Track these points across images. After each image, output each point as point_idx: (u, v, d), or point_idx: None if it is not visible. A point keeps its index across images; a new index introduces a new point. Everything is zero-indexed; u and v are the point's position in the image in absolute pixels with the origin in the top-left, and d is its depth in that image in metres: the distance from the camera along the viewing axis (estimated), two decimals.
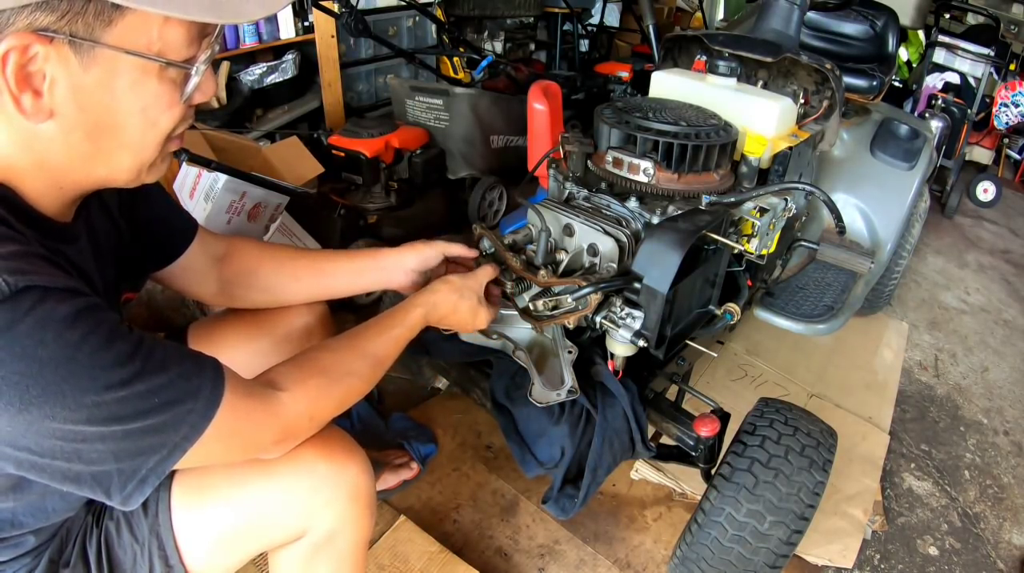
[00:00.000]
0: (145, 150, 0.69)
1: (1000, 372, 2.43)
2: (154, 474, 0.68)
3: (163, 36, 0.62)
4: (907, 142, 2.08)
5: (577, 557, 1.52)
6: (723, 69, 1.46)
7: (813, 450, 1.20)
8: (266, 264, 1.11)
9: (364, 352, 0.93)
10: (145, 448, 0.66)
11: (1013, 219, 3.91)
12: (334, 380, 0.87)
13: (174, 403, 0.67)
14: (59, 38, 0.57)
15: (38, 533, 0.83)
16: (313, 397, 0.84)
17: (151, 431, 0.66)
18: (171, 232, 1.02)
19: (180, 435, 0.68)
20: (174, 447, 0.68)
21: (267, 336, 1.16)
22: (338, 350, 0.91)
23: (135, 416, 0.64)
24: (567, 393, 1.22)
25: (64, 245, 0.72)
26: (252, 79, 2.71)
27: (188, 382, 0.69)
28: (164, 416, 0.66)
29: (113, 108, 0.63)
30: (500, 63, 2.89)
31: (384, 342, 0.96)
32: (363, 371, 0.91)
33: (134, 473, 0.67)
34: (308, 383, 0.83)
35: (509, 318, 1.41)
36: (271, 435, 0.79)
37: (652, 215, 1.27)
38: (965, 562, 1.66)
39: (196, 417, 0.69)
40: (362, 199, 2.40)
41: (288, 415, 0.80)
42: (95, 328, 0.62)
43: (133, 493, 0.67)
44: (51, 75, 0.59)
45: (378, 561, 1.42)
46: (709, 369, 2.11)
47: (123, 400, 0.63)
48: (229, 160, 1.91)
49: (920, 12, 2.91)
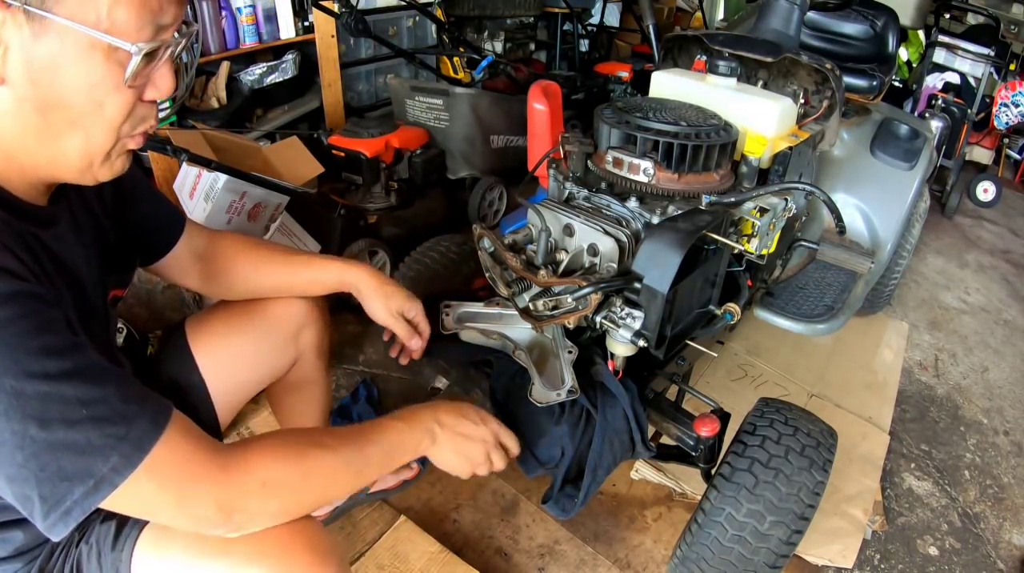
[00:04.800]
0: (94, 135, 0.68)
1: (1000, 372, 2.43)
2: (79, 507, 0.62)
3: (112, 15, 0.62)
4: (907, 142, 2.08)
5: (577, 557, 1.52)
6: (723, 69, 1.46)
7: (813, 450, 1.20)
8: (242, 261, 1.14)
9: (352, 446, 0.83)
10: (69, 472, 0.61)
11: (1013, 219, 3.91)
12: (305, 463, 0.77)
13: (104, 422, 0.62)
14: (15, 4, 0.59)
15: (27, 530, 0.82)
16: (271, 470, 0.74)
17: (76, 450, 0.61)
18: (159, 230, 1.04)
19: (109, 465, 0.62)
20: (102, 479, 0.62)
21: (260, 326, 1.17)
22: (322, 434, 0.84)
23: (58, 423, 0.60)
24: (567, 393, 1.22)
25: (38, 228, 0.72)
26: (252, 79, 2.70)
27: (125, 405, 0.64)
28: (91, 434, 0.61)
29: (59, 82, 0.63)
30: (500, 63, 2.89)
31: (382, 449, 0.87)
32: (341, 457, 0.81)
33: (59, 503, 0.62)
34: (273, 453, 0.75)
35: (509, 318, 1.41)
36: (213, 495, 0.69)
37: (652, 215, 1.27)
38: (965, 562, 1.66)
39: (129, 447, 0.63)
40: (362, 199, 2.40)
41: (236, 477, 0.71)
42: (28, 313, 0.60)
43: (57, 524, 0.63)
44: (6, 40, 0.60)
45: (378, 561, 1.42)
46: (709, 369, 2.11)
47: (46, 397, 0.59)
48: (229, 160, 1.91)
49: (920, 12, 2.91)
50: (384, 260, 2.30)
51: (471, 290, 1.66)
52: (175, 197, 1.98)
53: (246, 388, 1.21)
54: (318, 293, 1.22)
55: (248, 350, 1.17)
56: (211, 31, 2.47)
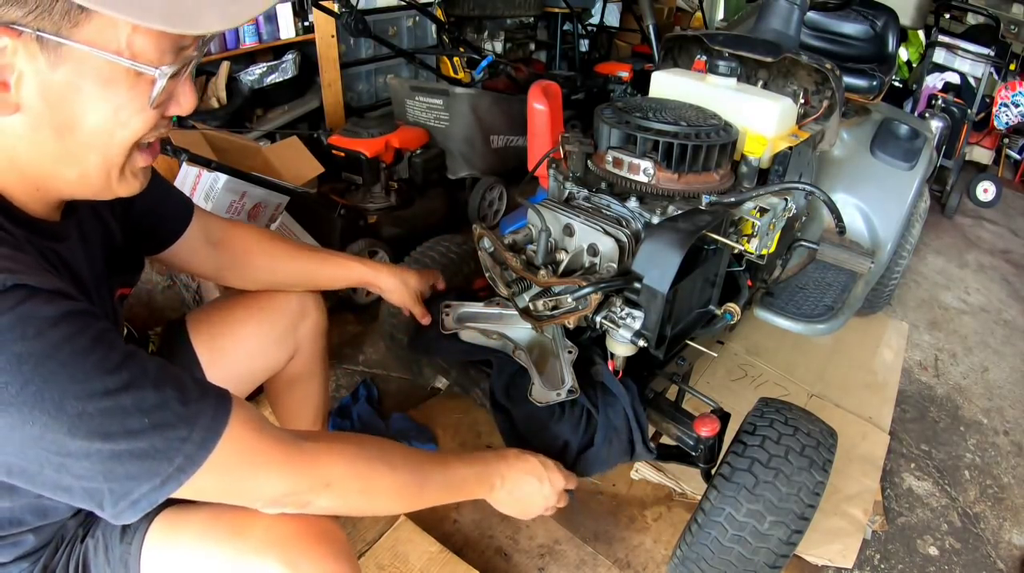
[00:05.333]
0: (112, 153, 0.68)
1: (1000, 372, 2.43)
2: (146, 500, 0.65)
3: (132, 44, 0.61)
4: (907, 142, 2.08)
5: (577, 557, 1.52)
6: (723, 69, 1.46)
7: (813, 450, 1.20)
8: (259, 252, 1.17)
9: (416, 474, 0.87)
10: (135, 473, 0.63)
11: (1013, 219, 3.91)
12: (371, 477, 0.81)
13: (166, 427, 0.63)
14: (27, 33, 0.57)
15: (38, 533, 0.83)
16: (338, 474, 0.78)
17: (140, 456, 0.62)
18: (167, 217, 1.05)
19: (174, 465, 0.64)
20: (168, 477, 0.64)
21: (260, 319, 1.19)
22: (392, 452, 0.86)
23: (122, 435, 0.61)
24: (567, 393, 1.22)
25: (55, 243, 0.72)
26: (252, 79, 2.71)
27: (185, 406, 0.65)
28: (155, 440, 0.63)
29: (80, 107, 0.63)
30: (500, 63, 2.89)
31: (440, 484, 0.92)
32: (402, 479, 0.85)
33: (126, 494, 0.64)
34: (344, 458, 0.78)
35: (509, 318, 1.41)
36: (277, 485, 0.74)
37: (652, 215, 1.27)
38: (965, 562, 1.66)
39: (192, 447, 0.65)
40: (362, 199, 2.40)
41: (303, 470, 0.74)
42: (81, 330, 0.60)
43: (125, 511, 0.65)
44: (19, 69, 0.59)
45: (378, 561, 1.42)
46: (709, 369, 2.11)
47: (107, 412, 0.60)
48: (229, 160, 1.92)
49: (920, 12, 2.91)
50: (384, 260, 2.30)
51: (471, 290, 1.66)
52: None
53: (247, 381, 1.22)
54: (336, 287, 1.27)
55: (249, 343, 1.19)
56: None
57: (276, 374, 1.27)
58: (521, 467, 1.03)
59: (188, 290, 1.82)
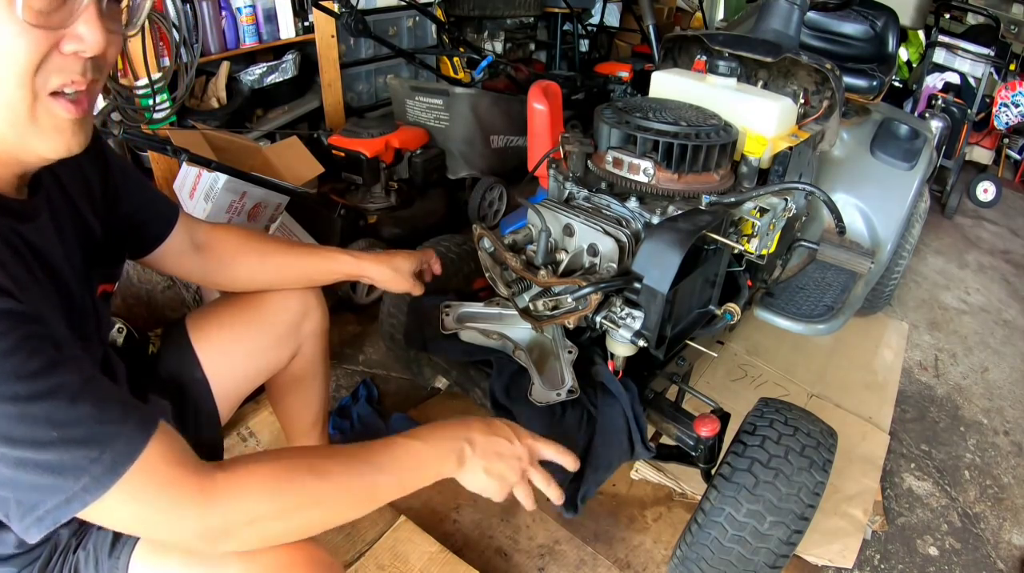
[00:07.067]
0: (7, 91, 0.61)
1: (1000, 372, 2.43)
2: (51, 517, 0.62)
3: None
4: (907, 142, 2.08)
5: (577, 557, 1.52)
6: (723, 69, 1.46)
7: (813, 450, 1.20)
8: (247, 252, 1.15)
9: (358, 471, 0.77)
10: (41, 485, 0.60)
11: (1013, 219, 3.91)
12: (299, 493, 0.72)
13: (76, 444, 0.60)
14: None
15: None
16: (259, 503, 0.70)
17: (46, 468, 0.60)
18: (150, 222, 1.03)
19: (80, 484, 0.61)
20: (72, 497, 0.61)
21: (261, 318, 1.18)
22: (323, 459, 0.76)
23: (28, 443, 0.59)
24: (567, 393, 1.22)
25: (20, 224, 0.70)
26: (252, 79, 2.70)
27: (101, 426, 0.62)
28: (62, 455, 0.60)
29: None
30: (500, 63, 2.89)
31: (395, 469, 0.80)
32: (341, 483, 0.76)
33: (32, 508, 0.61)
34: (262, 483, 0.70)
35: (509, 318, 1.41)
36: (193, 522, 0.67)
37: (652, 215, 1.27)
38: (965, 562, 1.66)
39: (100, 469, 0.61)
40: (362, 199, 2.40)
41: (221, 506, 0.68)
42: (5, 332, 0.58)
43: (31, 527, 0.62)
44: None
45: (378, 561, 1.42)
46: (709, 369, 2.11)
47: (13, 418, 0.58)
48: (229, 160, 1.92)
49: (920, 12, 2.91)
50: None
51: (471, 290, 1.66)
52: (175, 197, 1.98)
53: (248, 381, 1.21)
54: (328, 282, 1.24)
55: (250, 342, 1.18)
56: (211, 31, 2.47)
57: (277, 374, 1.27)
58: (487, 425, 0.90)
59: (188, 290, 1.82)
